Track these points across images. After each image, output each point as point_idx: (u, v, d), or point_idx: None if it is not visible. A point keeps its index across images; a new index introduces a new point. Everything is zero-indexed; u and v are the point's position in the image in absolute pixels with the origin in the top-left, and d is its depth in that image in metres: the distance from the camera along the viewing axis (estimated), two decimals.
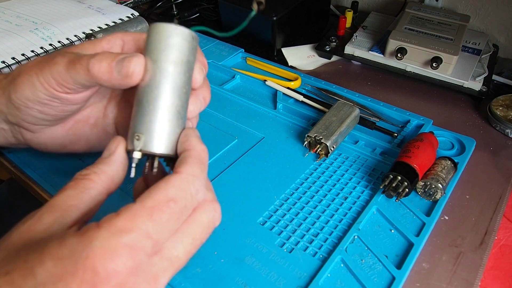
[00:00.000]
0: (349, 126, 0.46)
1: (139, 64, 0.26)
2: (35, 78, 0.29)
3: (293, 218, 0.39)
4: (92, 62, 0.27)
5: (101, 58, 0.27)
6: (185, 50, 0.27)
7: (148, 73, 0.26)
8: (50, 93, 0.30)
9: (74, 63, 0.28)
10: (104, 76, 0.27)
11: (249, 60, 0.62)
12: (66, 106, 0.31)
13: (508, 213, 0.41)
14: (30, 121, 0.32)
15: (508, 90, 0.58)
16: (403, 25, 0.59)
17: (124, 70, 0.26)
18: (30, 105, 0.31)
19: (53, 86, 0.29)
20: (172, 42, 0.26)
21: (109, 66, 0.26)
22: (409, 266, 0.34)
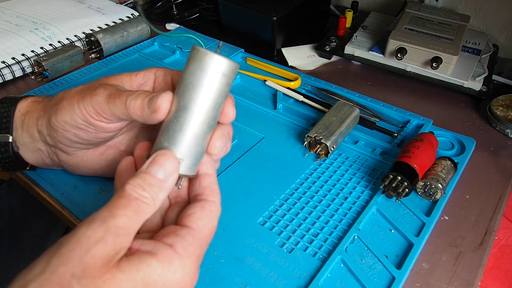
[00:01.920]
0: (349, 126, 0.46)
1: (166, 100, 0.28)
2: (76, 105, 0.32)
3: (293, 218, 0.39)
4: (129, 99, 0.30)
5: (137, 96, 0.29)
6: (222, 84, 0.28)
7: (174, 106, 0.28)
8: (87, 120, 0.32)
9: (115, 97, 0.30)
10: (138, 112, 0.29)
11: (249, 60, 0.62)
12: (99, 133, 0.34)
13: (508, 213, 0.41)
14: (65, 143, 0.35)
15: (508, 90, 0.58)
16: (403, 25, 0.59)
17: (152, 105, 0.28)
18: (67, 128, 0.33)
19: (91, 114, 0.32)
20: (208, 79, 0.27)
21: (143, 103, 0.29)
22: (409, 266, 0.34)
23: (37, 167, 0.41)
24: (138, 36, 0.68)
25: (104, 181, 0.42)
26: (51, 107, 0.34)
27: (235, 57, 0.63)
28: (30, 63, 0.60)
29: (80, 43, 0.65)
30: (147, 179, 0.26)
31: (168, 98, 0.28)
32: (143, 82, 0.34)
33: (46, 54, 0.59)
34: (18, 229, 0.58)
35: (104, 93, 0.31)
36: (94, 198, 0.40)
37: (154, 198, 0.26)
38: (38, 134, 0.36)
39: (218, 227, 0.28)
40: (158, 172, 0.26)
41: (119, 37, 0.65)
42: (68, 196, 0.41)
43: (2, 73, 0.58)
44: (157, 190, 0.26)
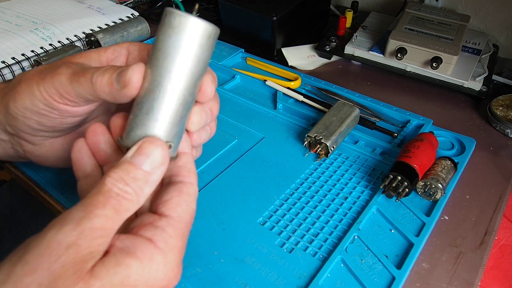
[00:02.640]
0: (349, 126, 0.46)
1: (137, 72, 0.24)
2: (35, 87, 0.28)
3: (293, 218, 0.39)
4: (95, 75, 0.26)
5: (104, 71, 0.26)
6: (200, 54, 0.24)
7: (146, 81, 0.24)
8: (49, 103, 0.28)
9: (79, 75, 0.27)
10: (106, 88, 0.26)
11: (249, 60, 0.62)
12: (64, 118, 0.30)
13: (508, 213, 0.41)
14: (28, 131, 0.31)
15: (508, 90, 0.58)
16: (403, 25, 0.59)
17: (122, 79, 0.25)
18: (28, 115, 0.29)
19: (53, 97, 0.28)
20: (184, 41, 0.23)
21: (110, 78, 0.25)
22: (409, 266, 0.34)
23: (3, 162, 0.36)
24: (138, 36, 0.68)
25: None
26: (9, 92, 0.30)
27: (235, 57, 0.63)
28: (30, 63, 0.60)
29: (80, 43, 0.65)
30: (131, 172, 0.23)
31: (140, 69, 0.24)
32: (113, 58, 0.30)
33: (46, 54, 0.59)
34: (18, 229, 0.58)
35: (66, 71, 0.27)
36: None
37: (138, 193, 0.23)
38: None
39: (218, 227, 0.28)
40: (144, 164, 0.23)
41: (119, 37, 0.65)
42: (68, 196, 0.41)
43: (2, 73, 0.58)
44: (142, 185, 0.23)
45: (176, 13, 0.23)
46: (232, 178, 0.43)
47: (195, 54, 0.24)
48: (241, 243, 0.36)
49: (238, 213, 0.39)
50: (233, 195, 0.41)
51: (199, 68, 0.25)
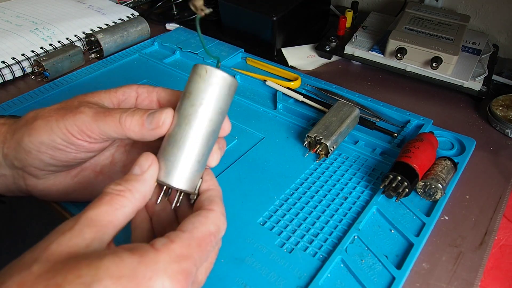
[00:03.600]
0: (349, 126, 0.46)
1: (169, 116, 0.28)
2: (55, 124, 0.30)
3: (293, 218, 0.39)
4: (125, 116, 0.28)
5: (133, 113, 0.29)
6: (223, 99, 0.28)
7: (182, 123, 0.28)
8: (68, 139, 0.30)
9: (105, 115, 0.29)
10: (136, 128, 0.28)
11: (249, 60, 0.62)
12: (79, 153, 0.31)
13: (508, 213, 0.41)
14: (38, 166, 0.32)
15: (508, 90, 0.58)
16: (403, 25, 0.59)
17: (155, 121, 0.28)
18: (43, 149, 0.31)
19: (73, 133, 0.30)
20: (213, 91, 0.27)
21: (141, 119, 0.28)
22: (409, 266, 0.34)
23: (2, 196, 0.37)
24: (138, 36, 0.68)
25: None
26: (21, 128, 0.31)
27: (235, 57, 0.63)
28: (30, 63, 0.60)
29: (80, 43, 0.65)
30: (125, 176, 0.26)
31: (171, 113, 0.28)
32: (124, 99, 0.32)
33: (46, 54, 0.59)
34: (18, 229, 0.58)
35: (90, 111, 0.29)
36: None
37: (130, 189, 0.25)
38: (3, 157, 0.33)
39: None
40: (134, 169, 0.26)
41: (119, 37, 0.65)
42: None
43: (2, 73, 0.58)
44: (133, 182, 0.25)
45: (205, 66, 0.27)
46: (232, 178, 0.43)
47: (220, 101, 0.28)
48: (241, 243, 0.36)
49: (238, 213, 0.39)
50: (233, 195, 0.41)
51: (221, 114, 0.29)
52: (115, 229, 0.24)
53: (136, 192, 0.25)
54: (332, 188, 0.42)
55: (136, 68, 0.62)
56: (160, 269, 0.22)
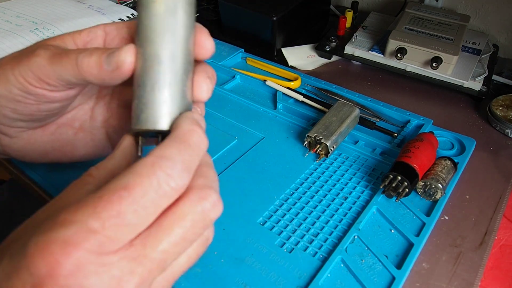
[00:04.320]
0: (349, 126, 0.46)
1: (130, 53, 0.24)
2: (10, 72, 0.27)
3: (293, 218, 0.39)
4: (81, 56, 0.25)
5: (91, 53, 0.25)
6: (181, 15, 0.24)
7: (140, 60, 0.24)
8: (25, 88, 0.27)
9: (61, 57, 0.26)
10: (94, 70, 0.25)
11: (249, 60, 0.62)
12: (42, 104, 0.28)
13: (508, 213, 0.41)
14: (4, 122, 0.30)
15: (508, 90, 0.58)
16: (403, 25, 0.59)
17: (113, 61, 0.24)
18: (2, 102, 0.28)
19: (29, 81, 0.26)
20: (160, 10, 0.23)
21: (99, 59, 0.25)
22: (409, 266, 0.34)
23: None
24: None
25: None
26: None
27: (235, 57, 0.63)
28: None
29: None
30: None
31: (132, 50, 0.24)
32: (89, 40, 0.29)
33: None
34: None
35: (45, 53, 0.26)
36: None
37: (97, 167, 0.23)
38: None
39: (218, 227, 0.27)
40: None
41: None
42: None
43: None
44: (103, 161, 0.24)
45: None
46: (232, 178, 0.43)
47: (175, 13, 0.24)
48: (241, 243, 0.36)
49: (238, 213, 0.39)
50: (233, 195, 0.41)
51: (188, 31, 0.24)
52: None
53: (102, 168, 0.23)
54: (332, 188, 0.42)
55: None
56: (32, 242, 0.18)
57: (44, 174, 0.43)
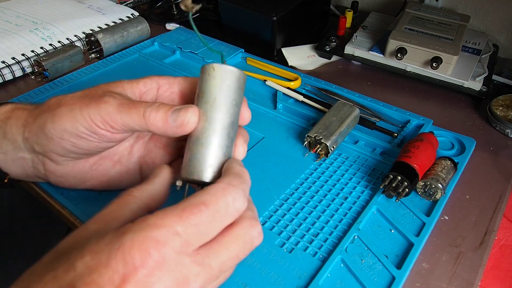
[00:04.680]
0: (349, 126, 0.46)
1: (194, 115, 0.28)
2: (78, 112, 0.30)
3: (293, 218, 0.39)
4: (149, 110, 0.29)
5: (158, 108, 0.29)
6: (235, 91, 0.29)
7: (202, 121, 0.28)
8: (91, 128, 0.30)
9: (129, 107, 0.29)
10: (159, 123, 0.29)
11: (249, 60, 0.62)
12: (101, 143, 0.32)
13: (508, 213, 0.41)
14: (59, 152, 0.32)
15: (508, 90, 0.58)
16: (403, 25, 0.59)
17: (179, 119, 0.28)
18: (65, 136, 0.31)
19: (97, 123, 0.30)
20: (223, 86, 0.28)
21: (165, 115, 0.28)
22: (409, 266, 0.34)
23: (16, 180, 0.38)
24: (138, 36, 0.68)
25: None
26: (44, 113, 0.31)
27: (235, 57, 0.63)
28: (30, 63, 0.60)
29: (80, 43, 0.65)
30: None
31: (196, 113, 0.28)
32: (145, 91, 0.33)
33: (46, 54, 0.59)
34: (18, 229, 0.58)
35: (114, 102, 0.30)
36: (94, 198, 0.40)
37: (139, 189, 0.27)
38: (24, 141, 0.33)
39: None
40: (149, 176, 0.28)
41: (119, 37, 0.65)
42: (68, 196, 0.41)
43: (2, 73, 0.58)
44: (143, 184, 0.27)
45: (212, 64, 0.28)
46: None
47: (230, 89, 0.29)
48: None
49: None
50: None
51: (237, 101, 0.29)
52: (120, 223, 0.24)
53: (144, 191, 0.26)
54: (332, 188, 0.42)
55: (136, 68, 0.62)
56: (128, 238, 0.22)
57: None
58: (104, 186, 0.37)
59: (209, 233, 0.24)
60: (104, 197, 0.41)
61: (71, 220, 0.39)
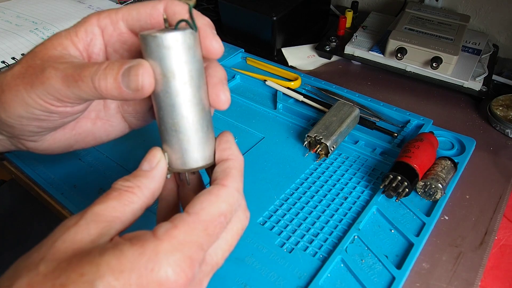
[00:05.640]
0: (349, 126, 0.46)
1: (147, 75, 0.24)
2: (25, 95, 0.27)
3: (293, 218, 0.39)
4: (97, 80, 0.25)
5: (105, 74, 0.25)
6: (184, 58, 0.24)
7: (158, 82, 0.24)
8: (47, 109, 0.27)
9: (75, 79, 0.25)
10: (114, 92, 0.25)
11: (249, 60, 0.62)
12: (65, 118, 0.29)
13: (508, 213, 0.41)
14: (28, 135, 0.30)
15: (508, 90, 0.58)
16: (403, 25, 0.59)
17: (133, 84, 0.24)
18: (25, 122, 0.28)
19: (50, 102, 0.27)
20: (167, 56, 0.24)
21: (116, 81, 0.25)
22: (409, 266, 0.34)
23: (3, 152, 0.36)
24: None
25: (104, 181, 0.42)
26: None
27: (235, 57, 0.63)
28: None
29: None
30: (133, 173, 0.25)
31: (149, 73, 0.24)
32: (89, 41, 0.28)
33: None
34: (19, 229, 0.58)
35: (57, 75, 0.26)
36: (94, 198, 0.40)
37: (139, 186, 0.24)
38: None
39: None
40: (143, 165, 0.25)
41: None
42: (68, 196, 0.41)
43: None
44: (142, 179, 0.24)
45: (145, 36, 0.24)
46: None
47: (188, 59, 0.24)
48: (241, 243, 0.36)
49: None
50: None
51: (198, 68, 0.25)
52: (122, 225, 0.23)
53: (145, 188, 0.24)
54: (332, 188, 0.42)
55: None
56: (162, 259, 0.21)
57: (44, 175, 0.43)
58: (93, 143, 0.35)
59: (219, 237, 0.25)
60: None
61: None
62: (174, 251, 0.21)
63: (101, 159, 0.45)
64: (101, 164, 0.44)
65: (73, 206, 0.40)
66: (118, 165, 0.44)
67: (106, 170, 0.43)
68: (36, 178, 0.43)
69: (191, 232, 0.22)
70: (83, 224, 0.22)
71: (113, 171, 0.43)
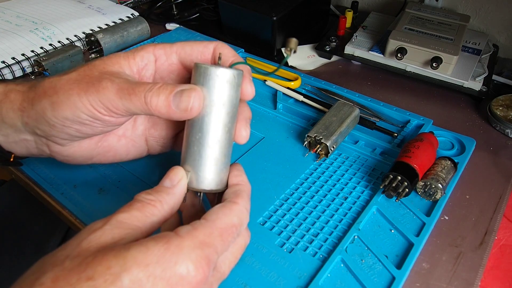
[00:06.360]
0: (349, 126, 0.46)
1: (198, 99, 0.27)
2: (77, 98, 0.29)
3: (293, 218, 0.39)
4: (149, 96, 0.28)
5: (158, 92, 0.28)
6: (230, 92, 0.28)
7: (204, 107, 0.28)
8: (94, 115, 0.30)
9: (129, 93, 0.28)
10: (162, 109, 0.28)
11: (249, 60, 0.62)
12: (106, 127, 0.32)
13: (508, 213, 0.41)
14: (64, 137, 0.32)
15: (508, 90, 0.58)
16: (403, 25, 0.59)
17: (183, 105, 0.27)
18: (68, 124, 0.31)
19: (99, 110, 0.29)
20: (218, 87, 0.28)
21: (167, 100, 0.28)
22: (409, 266, 0.34)
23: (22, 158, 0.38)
24: (138, 36, 0.68)
25: (104, 181, 0.42)
26: (40, 98, 0.30)
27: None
28: (30, 63, 0.60)
29: (80, 43, 0.65)
30: (155, 188, 0.27)
31: (199, 96, 0.28)
32: (143, 66, 0.32)
33: (46, 54, 0.59)
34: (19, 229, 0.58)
35: (112, 87, 0.29)
36: (94, 198, 0.40)
37: (161, 201, 0.26)
38: (24, 125, 0.32)
39: None
40: (165, 182, 0.28)
41: (119, 37, 0.65)
42: (68, 196, 0.41)
43: (2, 73, 0.58)
44: (164, 194, 0.27)
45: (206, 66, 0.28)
46: None
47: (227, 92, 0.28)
48: None
49: None
50: None
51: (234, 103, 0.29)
52: (141, 236, 0.25)
53: (166, 204, 0.27)
54: (332, 188, 0.42)
55: None
56: (185, 254, 0.23)
57: (44, 175, 0.43)
58: (111, 160, 0.37)
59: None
60: (104, 196, 0.41)
61: (71, 220, 0.39)
62: (196, 248, 0.23)
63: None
64: (101, 164, 0.44)
65: (73, 206, 0.40)
66: (118, 165, 0.44)
67: (106, 170, 0.43)
68: (36, 178, 0.43)
69: (209, 235, 0.25)
70: (108, 229, 0.23)
71: (113, 171, 0.43)
